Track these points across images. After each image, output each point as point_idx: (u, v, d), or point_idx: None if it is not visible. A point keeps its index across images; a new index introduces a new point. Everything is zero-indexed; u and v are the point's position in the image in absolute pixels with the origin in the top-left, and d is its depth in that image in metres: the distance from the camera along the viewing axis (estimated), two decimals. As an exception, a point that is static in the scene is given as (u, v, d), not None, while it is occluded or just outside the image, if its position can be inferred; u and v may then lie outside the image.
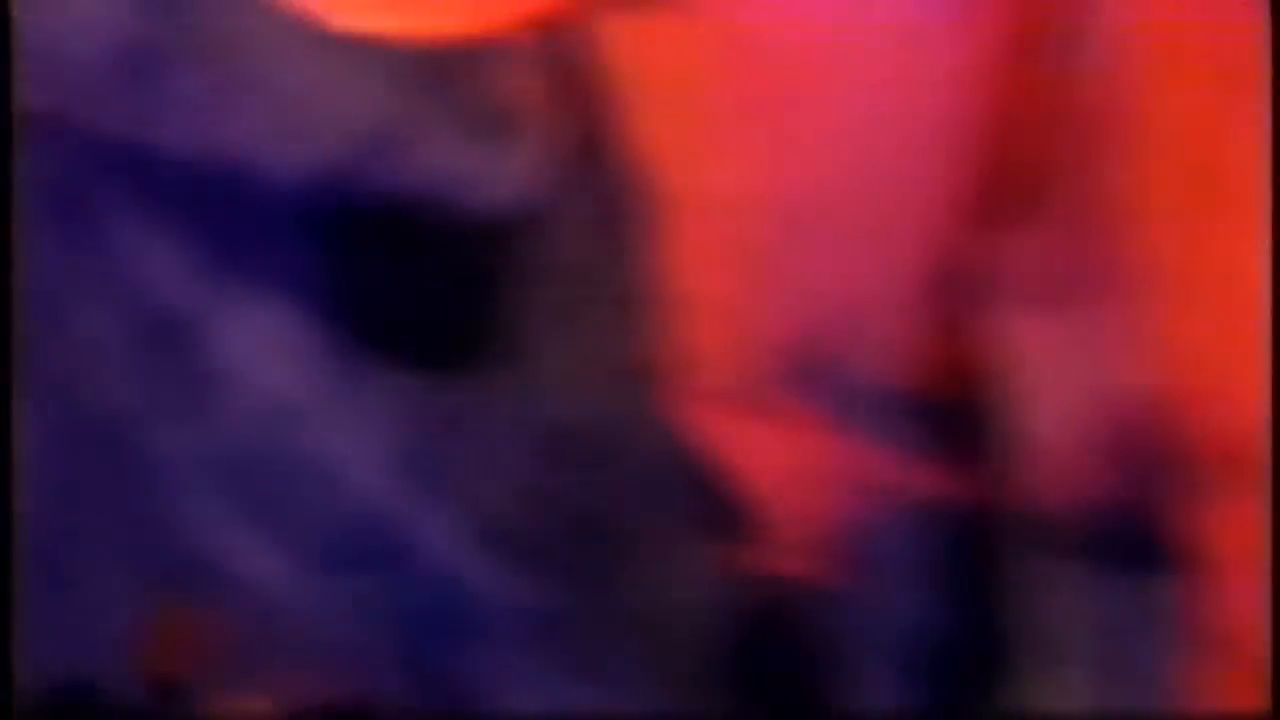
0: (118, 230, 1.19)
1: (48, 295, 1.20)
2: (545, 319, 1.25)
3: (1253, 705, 1.06)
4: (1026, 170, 1.12)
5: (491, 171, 1.17)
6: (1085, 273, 1.12)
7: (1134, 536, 1.05)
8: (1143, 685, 1.07)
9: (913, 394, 1.11)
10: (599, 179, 1.19)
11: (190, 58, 1.18)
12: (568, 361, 1.23)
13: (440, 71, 1.15)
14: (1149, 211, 1.06)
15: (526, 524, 1.27)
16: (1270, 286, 1.28)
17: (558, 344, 1.26)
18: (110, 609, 1.18)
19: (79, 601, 1.18)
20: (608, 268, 1.24)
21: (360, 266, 1.17)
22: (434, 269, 1.15)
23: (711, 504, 1.13)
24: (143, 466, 1.17)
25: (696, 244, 1.11)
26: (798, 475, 1.13)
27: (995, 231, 1.11)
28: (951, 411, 1.11)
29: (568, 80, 1.16)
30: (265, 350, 1.18)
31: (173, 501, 1.17)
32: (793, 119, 1.10)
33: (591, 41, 1.10)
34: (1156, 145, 1.05)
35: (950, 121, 1.10)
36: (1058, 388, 1.12)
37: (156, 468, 1.18)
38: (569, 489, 1.24)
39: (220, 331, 1.18)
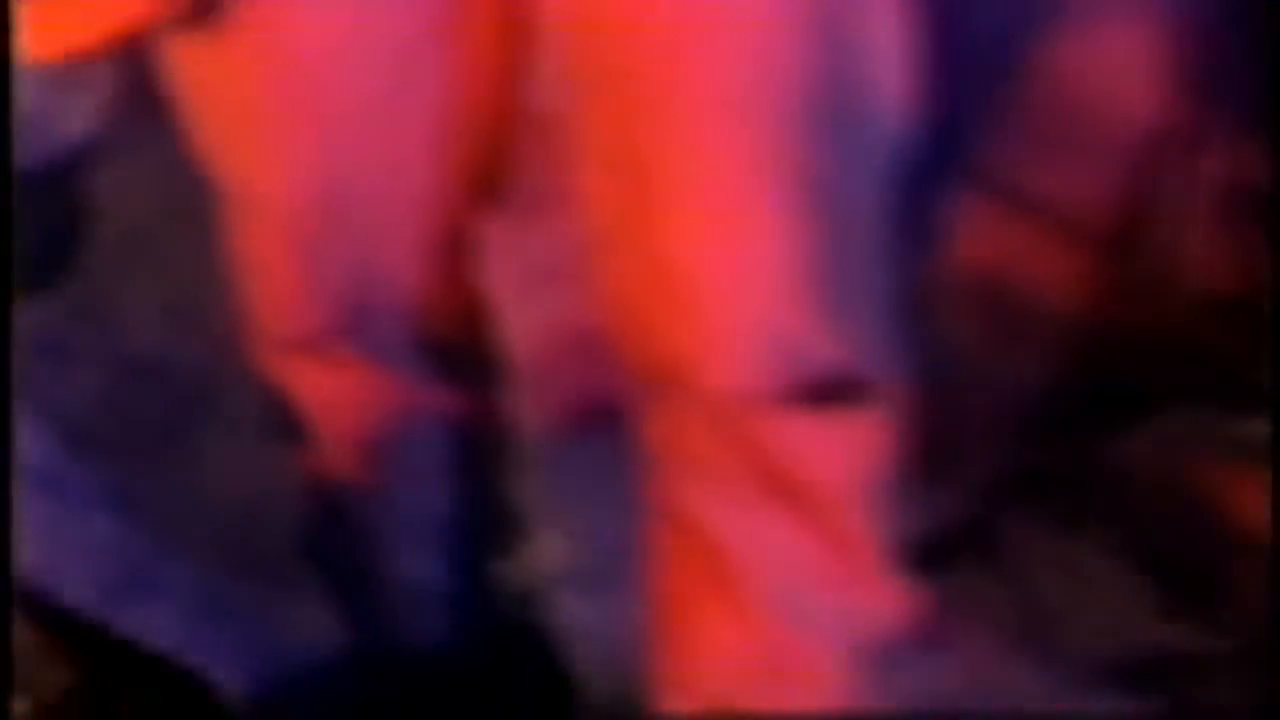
0: None
1: None
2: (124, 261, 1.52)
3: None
4: (503, 160, 1.44)
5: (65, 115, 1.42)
6: (552, 242, 1.45)
7: (605, 437, 1.39)
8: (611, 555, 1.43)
9: (431, 335, 1.43)
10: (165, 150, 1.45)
11: None
12: (146, 298, 1.50)
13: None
14: (593, 192, 1.40)
15: (110, 432, 1.53)
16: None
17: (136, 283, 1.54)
18: None
19: None
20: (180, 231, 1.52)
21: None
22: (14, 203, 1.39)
23: (279, 421, 1.42)
24: None
25: (254, 225, 1.39)
26: (346, 400, 1.44)
27: (484, 207, 1.44)
28: (460, 347, 1.45)
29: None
30: None
31: None
32: (322, 125, 1.38)
33: (162, 58, 1.35)
34: (595, 142, 1.38)
35: (445, 125, 1.41)
36: (534, 328, 1.47)
37: None
38: (147, 404, 1.51)
39: None
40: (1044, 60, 1.77)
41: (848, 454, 1.43)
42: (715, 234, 1.34)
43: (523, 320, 1.57)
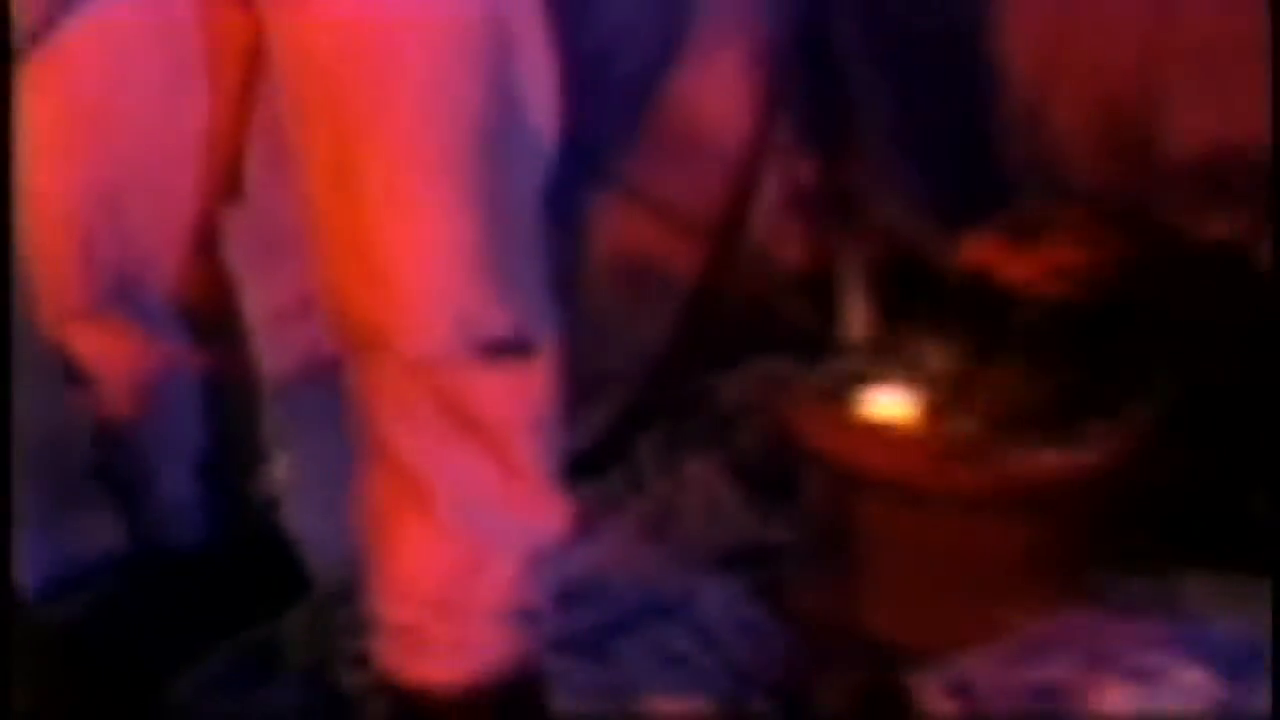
0: None
1: None
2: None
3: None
4: (241, 165, 1.76)
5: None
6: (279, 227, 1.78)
7: (325, 383, 1.76)
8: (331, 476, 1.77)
9: (184, 305, 1.76)
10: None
11: None
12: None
13: None
14: (313, 192, 1.72)
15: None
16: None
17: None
18: None
19: None
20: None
21: None
22: None
23: (69, 370, 1.74)
24: None
25: (43, 220, 1.68)
26: (118, 356, 1.75)
27: (227, 202, 1.76)
28: (208, 313, 1.78)
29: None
30: None
31: None
32: (103, 141, 1.68)
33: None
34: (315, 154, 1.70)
35: (200, 139, 1.71)
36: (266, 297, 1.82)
37: None
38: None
39: None
40: (670, 92, 2.13)
41: (517, 397, 1.71)
42: (406, 230, 1.62)
43: (257, 291, 1.92)
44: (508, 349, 1.69)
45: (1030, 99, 2.11)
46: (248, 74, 1.73)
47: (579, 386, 1.79)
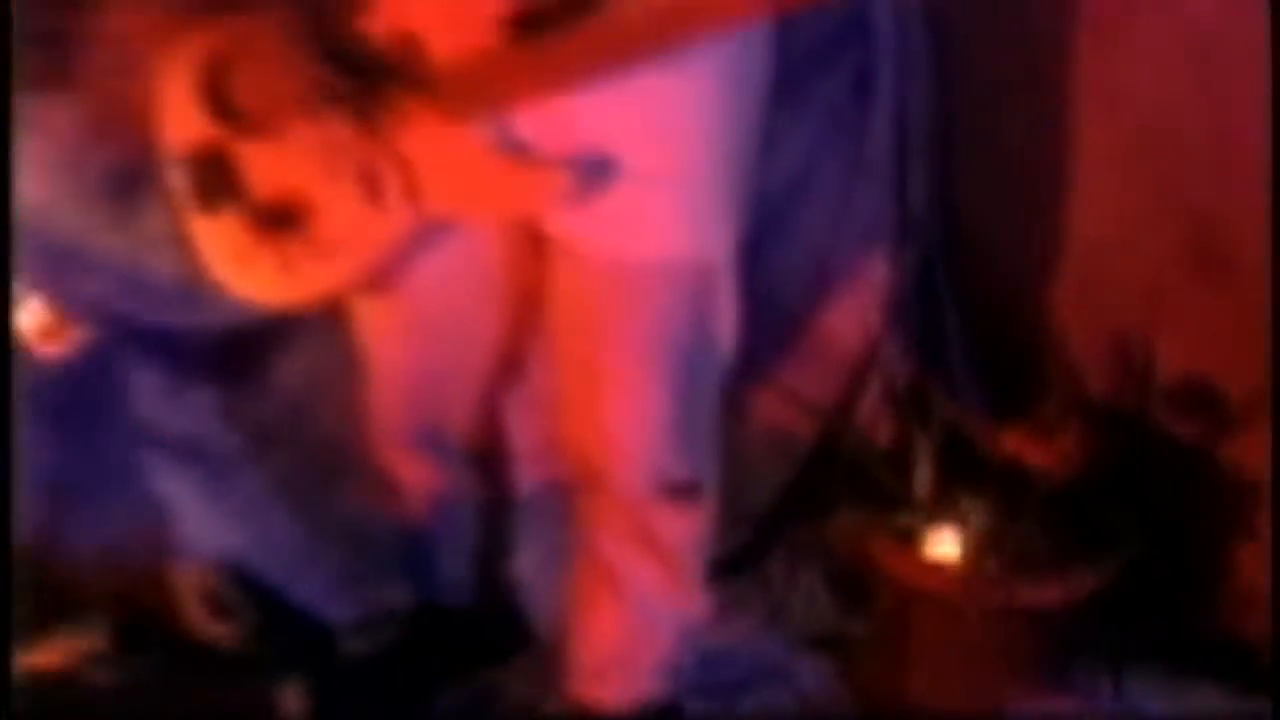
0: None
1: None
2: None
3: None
4: (522, 352, 2.45)
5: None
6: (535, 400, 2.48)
7: (561, 501, 2.52)
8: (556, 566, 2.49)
9: (472, 446, 2.48)
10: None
11: None
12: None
13: None
14: (562, 379, 2.30)
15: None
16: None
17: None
18: None
19: None
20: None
21: None
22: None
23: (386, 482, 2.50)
24: None
25: (382, 383, 2.43)
26: (423, 478, 2.47)
27: (509, 377, 2.47)
28: (487, 452, 2.50)
29: None
30: None
31: None
32: (425, 331, 2.32)
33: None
34: (566, 351, 2.29)
35: (495, 332, 2.37)
36: (528, 443, 2.55)
37: None
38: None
39: None
40: (812, 316, 2.84)
41: (687, 523, 2.31)
42: (627, 408, 2.22)
43: (525, 439, 2.55)
44: (684, 491, 2.29)
45: (1059, 335, 2.78)
46: (533, 295, 2.33)
47: (728, 515, 2.43)
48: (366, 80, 2.12)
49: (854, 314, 2.86)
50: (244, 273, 2.26)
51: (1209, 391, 2.59)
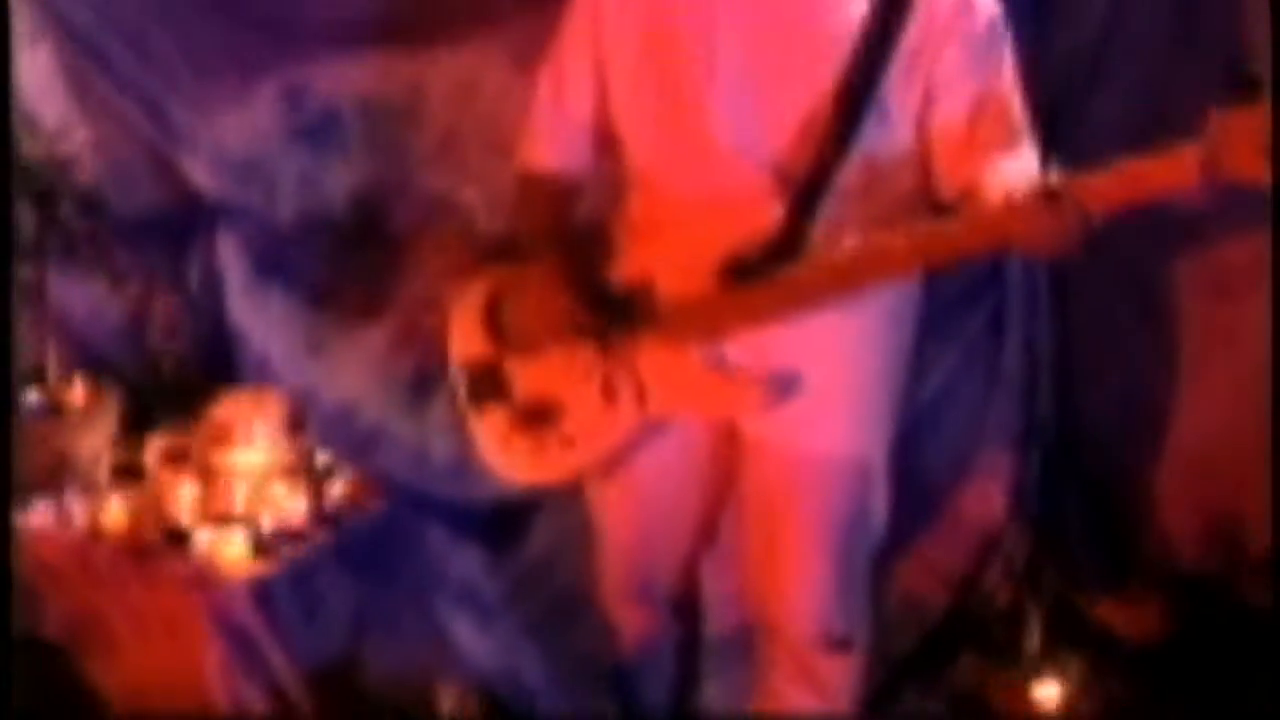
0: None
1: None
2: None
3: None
4: (717, 520, 3.05)
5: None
6: (729, 562, 3.10)
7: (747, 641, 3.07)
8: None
9: (677, 596, 3.00)
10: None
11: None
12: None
13: None
14: (748, 537, 2.97)
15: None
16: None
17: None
18: None
19: None
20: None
21: None
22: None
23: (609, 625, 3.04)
24: None
25: (610, 549, 3.00)
26: (637, 623, 3.00)
27: (711, 542, 3.09)
28: (688, 601, 3.03)
29: None
30: None
31: None
32: (643, 504, 2.86)
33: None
34: (753, 517, 2.92)
35: (699, 505, 2.90)
36: (721, 593, 3.11)
37: None
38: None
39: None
40: (952, 500, 3.43)
41: (842, 668, 2.80)
42: (801, 572, 2.73)
43: (715, 589, 3.06)
44: (842, 643, 2.79)
45: (1158, 516, 3.33)
46: (729, 477, 2.83)
47: (876, 662, 2.94)
48: (610, 314, 2.72)
49: (985, 500, 3.44)
50: (506, 457, 2.87)
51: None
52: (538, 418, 2.81)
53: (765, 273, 2.61)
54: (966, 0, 2.60)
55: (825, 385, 2.68)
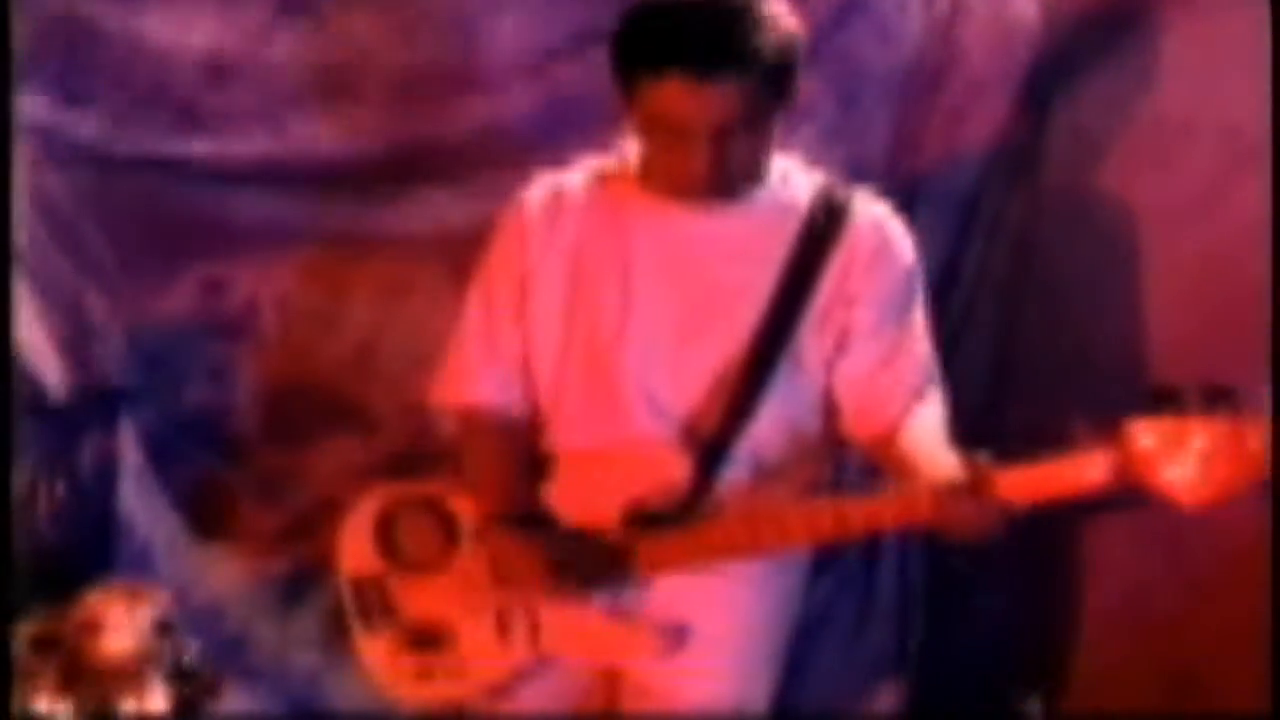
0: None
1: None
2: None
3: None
4: None
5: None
6: None
7: None
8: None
9: None
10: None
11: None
12: None
13: None
14: None
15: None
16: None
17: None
18: None
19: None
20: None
21: None
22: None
23: None
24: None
25: None
26: None
27: None
28: None
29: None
30: None
31: None
32: None
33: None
34: None
35: None
36: None
37: None
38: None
39: None
40: None
41: None
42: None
43: None
44: None
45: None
46: (609, 713, 2.78)
47: None
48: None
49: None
50: (391, 675, 2.81)
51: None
52: (426, 642, 2.76)
53: (668, 525, 2.60)
54: (883, 253, 2.65)
55: (712, 633, 2.68)
